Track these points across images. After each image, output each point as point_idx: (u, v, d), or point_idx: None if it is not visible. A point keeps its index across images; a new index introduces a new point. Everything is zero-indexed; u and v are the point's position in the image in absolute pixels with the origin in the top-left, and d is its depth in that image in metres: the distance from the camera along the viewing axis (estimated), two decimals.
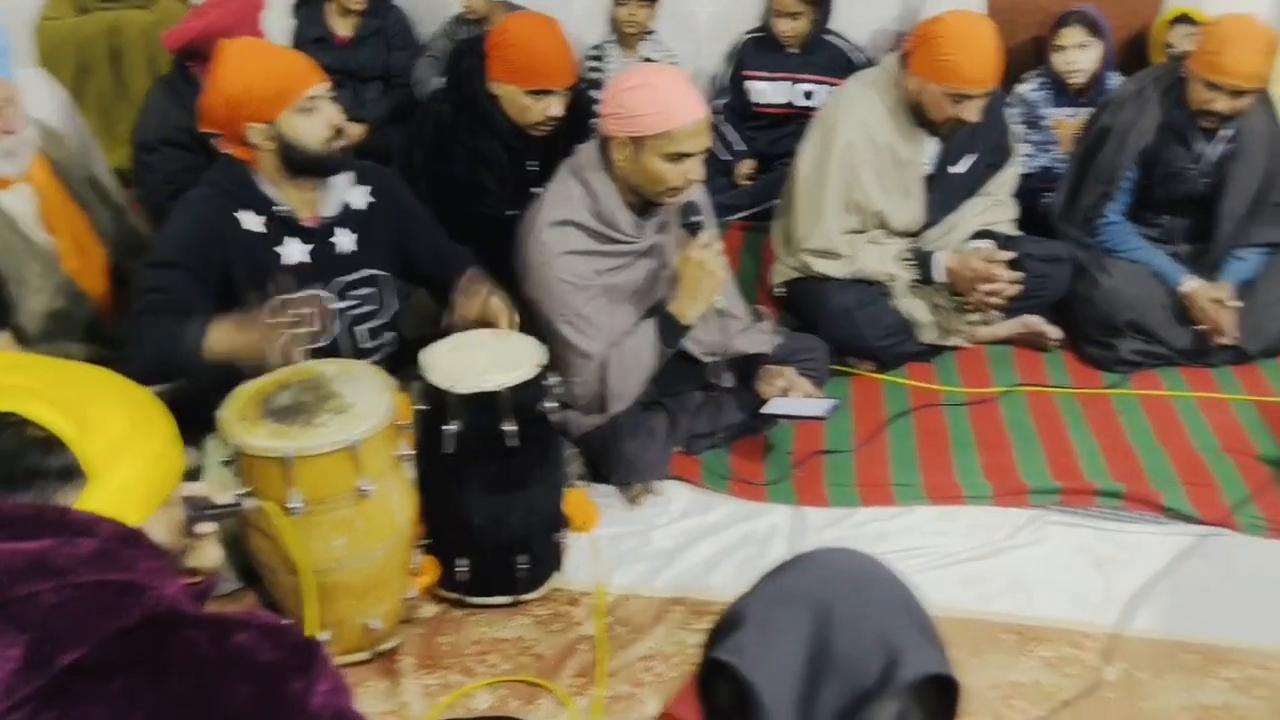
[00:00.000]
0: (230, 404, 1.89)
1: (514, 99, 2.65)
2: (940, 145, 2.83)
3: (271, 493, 1.78)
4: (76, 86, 3.84)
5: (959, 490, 2.49)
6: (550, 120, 2.67)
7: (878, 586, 0.98)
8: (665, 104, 2.14)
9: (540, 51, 2.61)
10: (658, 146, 2.16)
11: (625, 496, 2.47)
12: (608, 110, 2.20)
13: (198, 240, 2.10)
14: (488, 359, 2.05)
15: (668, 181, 2.21)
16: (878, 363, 2.92)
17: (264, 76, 2.05)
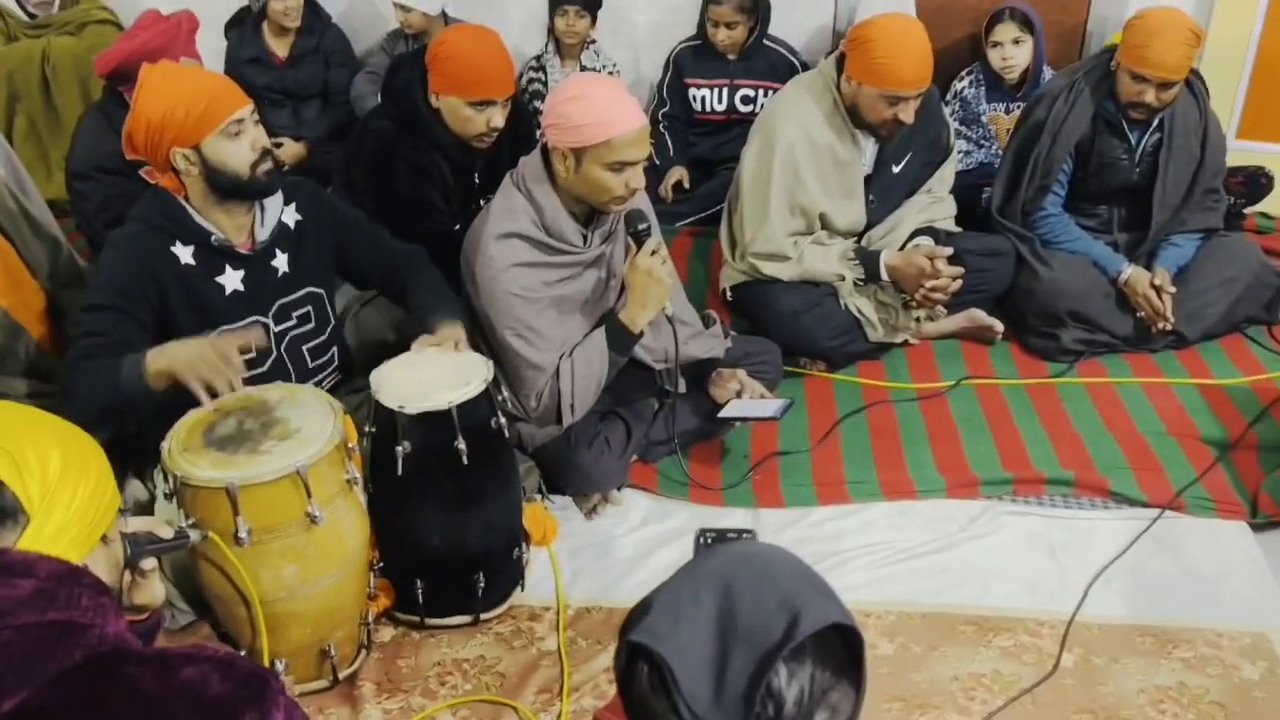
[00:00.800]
0: (173, 435, 1.84)
1: (456, 111, 2.64)
2: (879, 146, 2.85)
3: (218, 524, 1.74)
4: (6, 117, 3.76)
5: (912, 485, 2.51)
6: (493, 131, 2.66)
7: (777, 561, 1.02)
8: (604, 114, 2.14)
9: (480, 62, 2.60)
10: (598, 156, 2.16)
11: (583, 508, 2.46)
12: (548, 121, 2.19)
13: (131, 279, 2.04)
14: (436, 377, 2.02)
15: (610, 190, 2.21)
16: (828, 362, 2.94)
17: (187, 101, 1.99)
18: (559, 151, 2.19)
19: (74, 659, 1.09)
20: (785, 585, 0.97)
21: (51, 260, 2.42)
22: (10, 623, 1.07)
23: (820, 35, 3.91)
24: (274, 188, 2.14)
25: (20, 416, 1.22)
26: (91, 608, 1.15)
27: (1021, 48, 3.46)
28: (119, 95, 2.68)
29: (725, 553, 1.03)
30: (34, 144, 3.82)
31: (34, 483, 1.14)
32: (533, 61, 3.89)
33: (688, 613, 0.96)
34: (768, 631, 0.92)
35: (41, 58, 3.78)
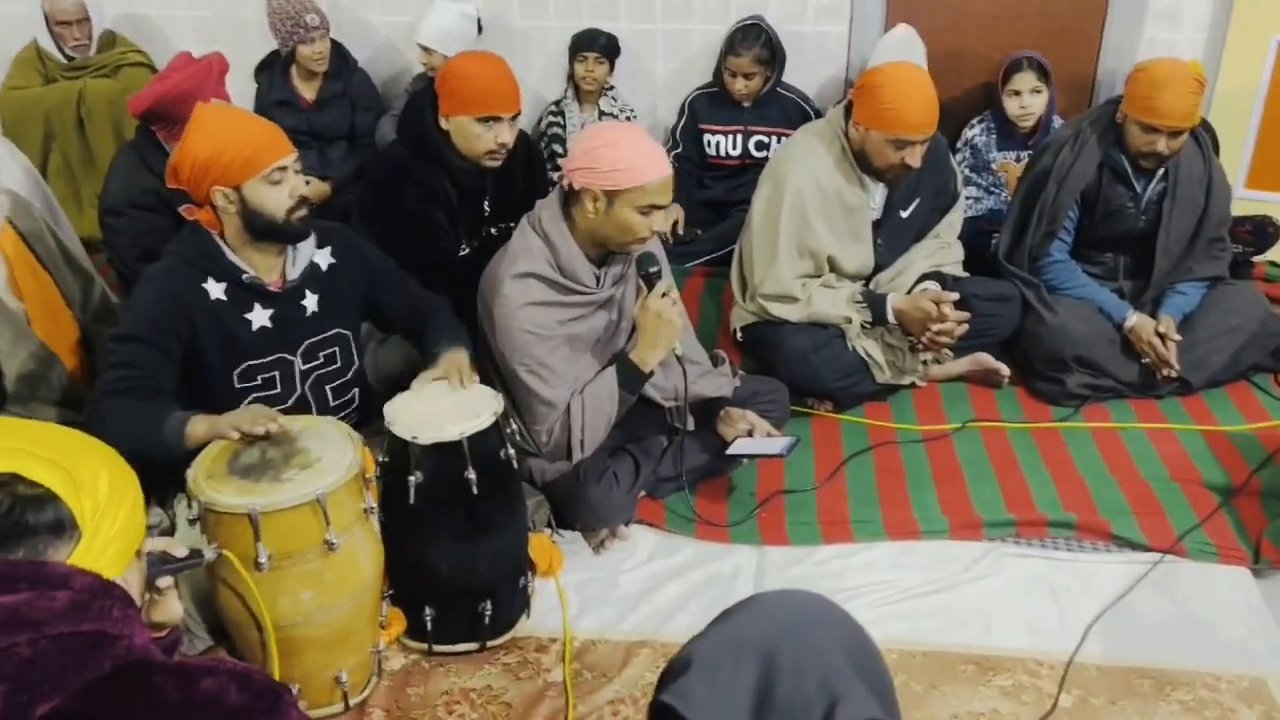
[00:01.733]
0: (198, 463, 1.92)
1: (464, 130, 2.73)
2: (887, 191, 2.92)
3: (240, 549, 1.81)
4: (42, 155, 3.90)
5: (916, 525, 2.55)
6: (501, 147, 2.75)
7: (823, 630, 0.99)
8: (638, 160, 2.24)
9: (485, 79, 2.71)
10: (631, 200, 2.25)
11: (591, 542, 2.52)
12: (579, 164, 2.28)
13: (163, 313, 2.13)
14: (448, 409, 2.10)
15: (636, 232, 2.30)
16: (835, 403, 2.99)
17: (235, 144, 2.09)
18: (590, 193, 2.27)
19: (104, 669, 1.16)
20: (828, 662, 0.94)
21: (85, 293, 2.52)
22: (47, 632, 1.14)
23: (833, 83, 4.01)
24: (306, 233, 2.24)
25: (73, 438, 1.30)
26: (121, 619, 1.22)
27: (1039, 97, 3.54)
28: (152, 134, 2.80)
29: (771, 612, 1.01)
30: (67, 181, 3.95)
31: (88, 501, 1.21)
32: (552, 106, 4.01)
33: (725, 678, 0.93)
34: (805, 715, 0.90)
35: (78, 98, 3.93)
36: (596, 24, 3.91)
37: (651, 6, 3.97)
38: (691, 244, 3.78)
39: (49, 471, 1.21)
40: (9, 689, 1.10)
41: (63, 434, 1.31)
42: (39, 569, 1.19)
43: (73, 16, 3.93)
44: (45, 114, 3.92)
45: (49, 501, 1.20)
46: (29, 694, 1.11)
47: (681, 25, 3.99)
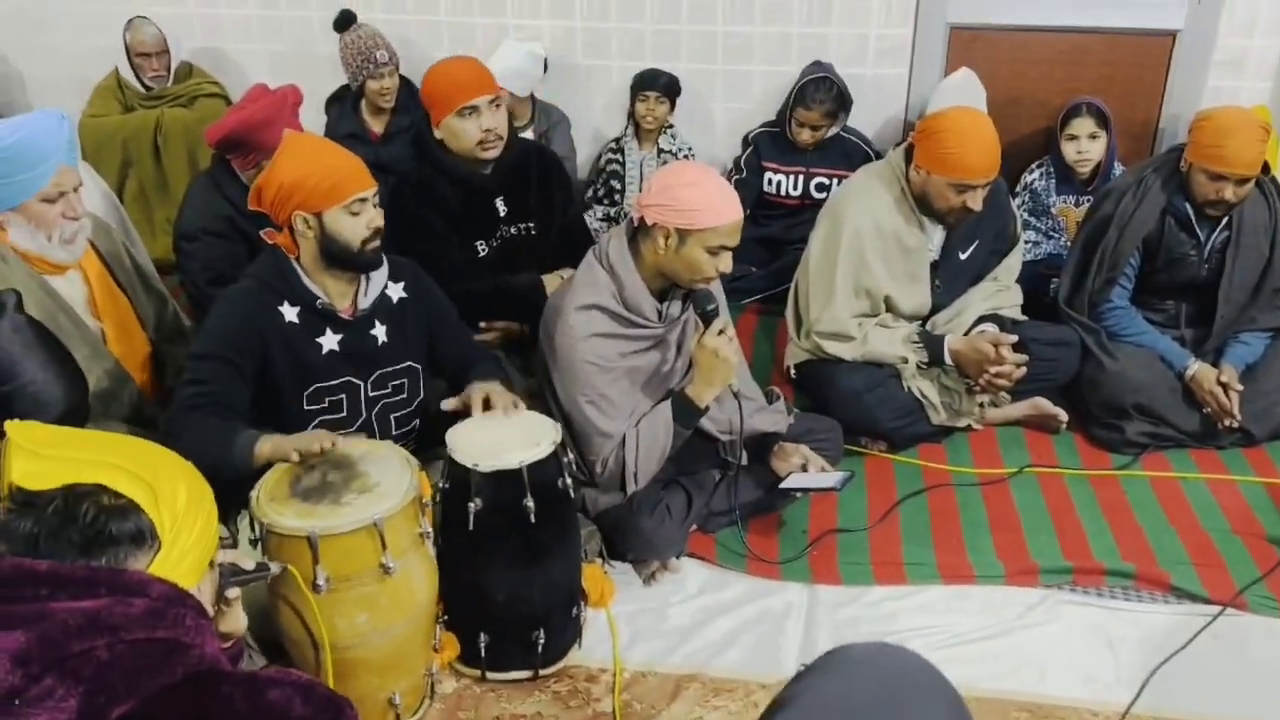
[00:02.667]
0: (261, 485, 1.97)
1: (451, 129, 2.81)
2: (945, 233, 2.93)
3: (299, 570, 1.84)
4: (119, 180, 4.04)
5: (971, 570, 2.53)
6: (489, 134, 2.81)
7: (920, 701, 0.98)
8: (715, 202, 2.29)
9: (451, 74, 2.80)
10: (703, 239, 2.30)
11: (642, 574, 2.53)
12: (655, 200, 2.32)
13: (238, 332, 2.20)
14: (508, 437, 2.13)
15: (703, 271, 2.34)
16: (889, 443, 2.99)
17: (321, 172, 2.17)
18: (663, 229, 2.31)
19: (176, 675, 1.20)
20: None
21: (159, 314, 2.61)
22: (124, 636, 1.18)
23: (892, 125, 4.03)
24: (378, 263, 2.31)
25: (155, 452, 1.35)
26: (194, 628, 1.26)
27: (1096, 143, 3.53)
28: (227, 163, 2.89)
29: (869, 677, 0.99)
30: (142, 206, 4.08)
31: (167, 513, 1.27)
32: (611, 143, 4.07)
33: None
34: None
35: (155, 127, 4.07)
36: (658, 64, 3.98)
37: (713, 47, 4.03)
38: (746, 280, 3.79)
39: (132, 484, 1.26)
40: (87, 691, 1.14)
41: (145, 448, 1.36)
42: (118, 576, 1.23)
43: (152, 49, 4.08)
44: (123, 141, 4.07)
45: (131, 512, 1.25)
46: (106, 696, 1.14)
47: (742, 66, 4.04)
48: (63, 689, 1.13)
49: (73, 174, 2.31)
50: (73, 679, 1.14)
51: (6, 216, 2.26)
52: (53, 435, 1.32)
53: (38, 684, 1.14)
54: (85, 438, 1.34)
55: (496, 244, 2.95)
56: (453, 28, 4.20)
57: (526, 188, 2.96)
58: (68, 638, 1.16)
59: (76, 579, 1.21)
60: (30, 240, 2.28)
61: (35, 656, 1.15)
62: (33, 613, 1.17)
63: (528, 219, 2.98)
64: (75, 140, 2.32)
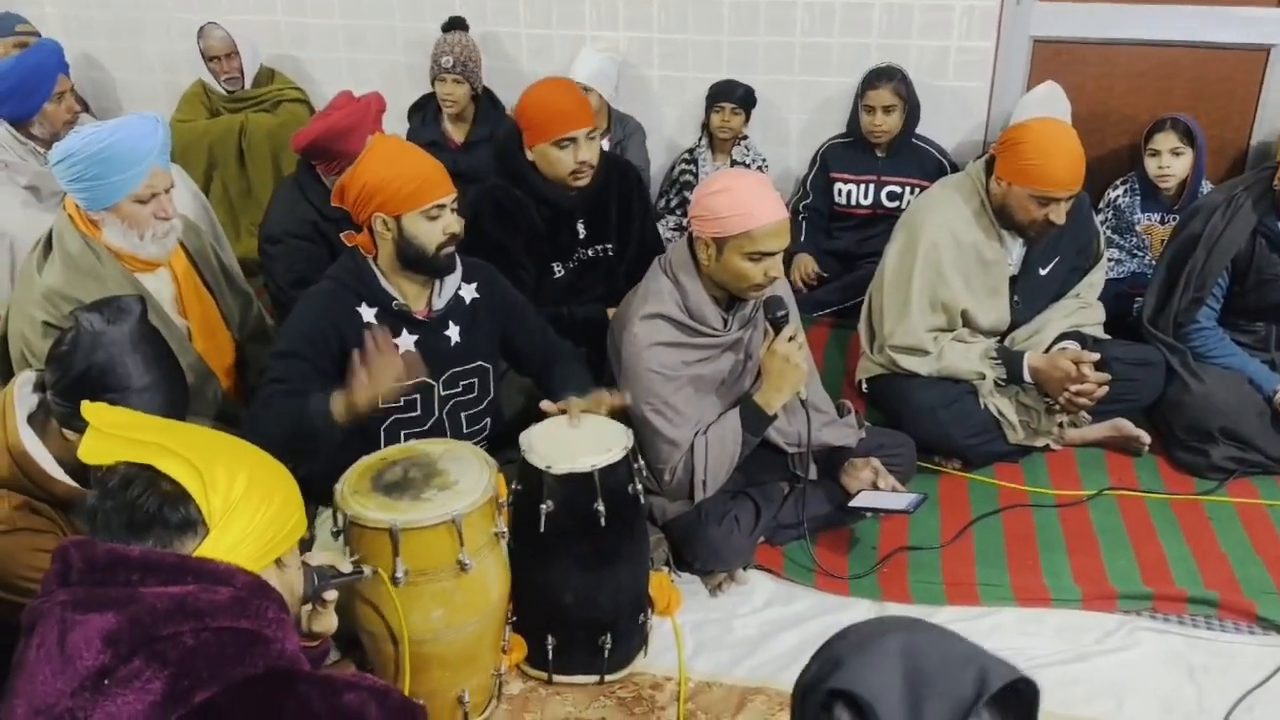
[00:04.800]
0: (345, 479, 2.03)
1: (545, 155, 2.82)
2: (1026, 247, 2.90)
3: (379, 563, 1.90)
4: (205, 183, 4.16)
5: (1047, 593, 2.49)
6: (583, 165, 2.81)
7: (943, 629, 1.11)
8: (745, 206, 2.28)
9: (552, 102, 2.79)
10: (739, 246, 2.29)
11: (708, 584, 2.54)
12: (694, 213, 2.35)
13: (319, 332, 2.27)
14: (581, 441, 2.16)
15: (749, 278, 2.33)
16: (964, 461, 2.95)
17: (404, 176, 2.23)
18: (702, 240, 2.34)
19: (258, 668, 1.23)
20: (962, 646, 1.05)
21: (243, 314, 2.69)
22: (210, 624, 1.22)
23: (970, 140, 3.98)
24: (451, 268, 2.36)
25: (216, 440, 1.38)
26: (275, 621, 1.29)
27: (1180, 159, 3.45)
28: (311, 169, 2.97)
29: (879, 621, 1.12)
30: (227, 209, 4.20)
31: (217, 498, 1.29)
32: (685, 154, 4.09)
33: (875, 664, 1.02)
34: (959, 684, 0.98)
35: (239, 131, 4.19)
36: (734, 75, 3.98)
37: (789, 58, 4.03)
38: (818, 293, 3.77)
39: (180, 467, 1.28)
40: (172, 674, 1.18)
41: (203, 434, 1.38)
42: (204, 564, 1.27)
43: (220, 51, 4.19)
44: (209, 146, 4.20)
45: (177, 496, 1.27)
46: (190, 681, 1.18)
47: (818, 77, 4.03)
48: (149, 671, 1.17)
49: (165, 176, 2.39)
50: (159, 662, 1.18)
51: (101, 216, 2.36)
52: (122, 417, 1.35)
53: (126, 665, 1.18)
54: (150, 422, 1.37)
55: (574, 265, 2.97)
56: (531, 39, 4.26)
57: (607, 208, 2.98)
58: (156, 621, 1.20)
59: (166, 565, 1.25)
60: (123, 239, 2.37)
61: (125, 638, 1.19)
62: (124, 596, 1.22)
63: (607, 240, 2.99)
64: (169, 143, 2.40)
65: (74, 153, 2.27)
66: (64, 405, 1.79)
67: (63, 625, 1.20)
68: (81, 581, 1.23)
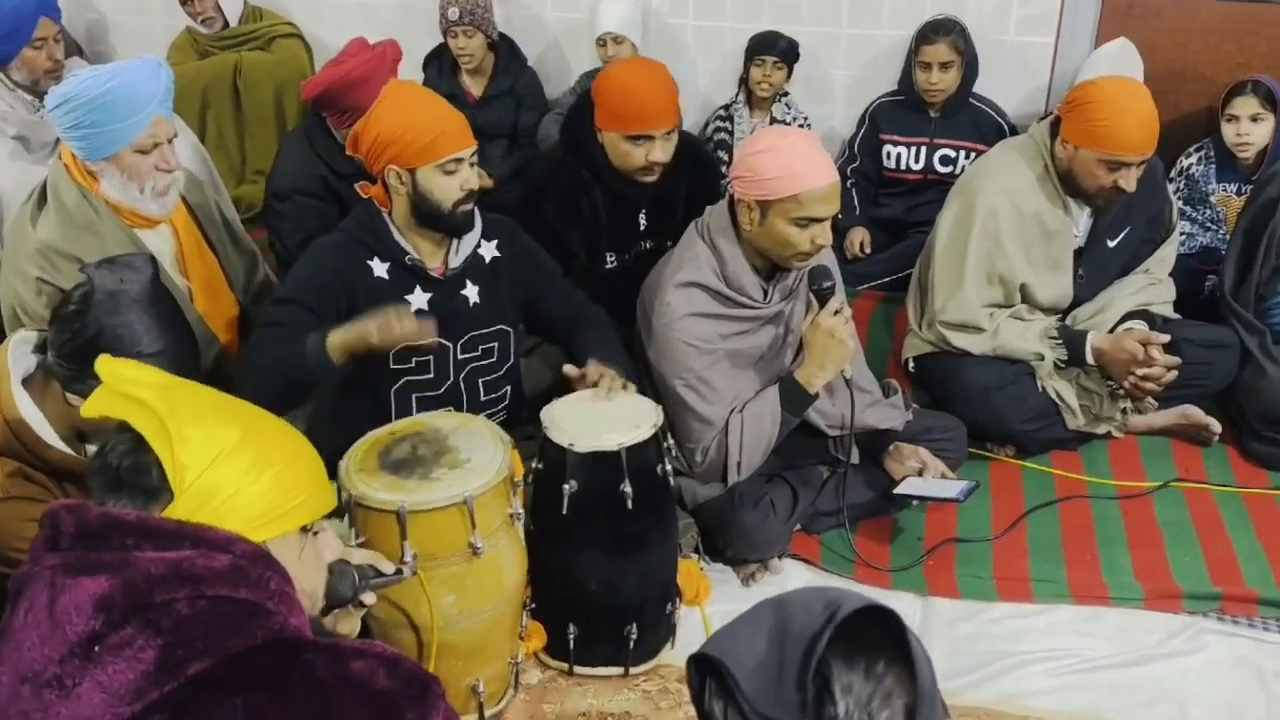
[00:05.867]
0: (351, 455, 2.03)
1: (615, 145, 2.78)
2: (1093, 217, 2.86)
3: (385, 546, 1.89)
4: (199, 128, 4.16)
5: (1106, 590, 2.47)
6: (653, 165, 2.77)
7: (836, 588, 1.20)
8: (793, 167, 2.25)
9: (637, 95, 2.74)
10: (784, 210, 2.27)
11: (740, 573, 2.53)
12: (736, 173, 2.33)
13: (324, 282, 2.27)
14: (607, 418, 2.16)
15: (795, 246, 2.31)
16: (1018, 447, 2.93)
17: (420, 127, 2.21)
18: (745, 203, 2.31)
19: (256, 638, 1.22)
20: (834, 594, 1.11)
21: (249, 274, 2.70)
22: (206, 591, 1.22)
23: (1033, 100, 3.93)
24: (468, 226, 2.35)
25: (208, 399, 1.34)
26: (278, 594, 1.29)
27: (1260, 125, 3.38)
28: (321, 120, 2.97)
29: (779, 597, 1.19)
30: (222, 155, 4.20)
31: (186, 457, 1.25)
32: (720, 111, 4.05)
33: (745, 629, 1.11)
34: (811, 619, 1.06)
35: (234, 71, 4.19)
36: (776, 26, 3.93)
37: (837, 9, 3.98)
38: (863, 265, 3.74)
39: (150, 424, 1.26)
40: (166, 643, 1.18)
41: (200, 395, 1.34)
42: (202, 530, 1.26)
43: None
44: (203, 88, 4.19)
45: (144, 454, 1.26)
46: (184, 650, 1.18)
47: (868, 30, 3.98)
48: (142, 639, 1.18)
49: (168, 125, 2.39)
50: (153, 630, 1.18)
51: (99, 166, 2.36)
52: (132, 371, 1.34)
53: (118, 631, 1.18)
54: (151, 378, 1.34)
55: (629, 258, 2.94)
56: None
57: (674, 201, 2.93)
58: (150, 586, 1.20)
59: (163, 531, 1.25)
60: (122, 192, 2.37)
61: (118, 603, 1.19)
62: (117, 560, 1.22)
63: (669, 235, 2.92)
64: (171, 89, 2.40)
65: (72, 97, 2.27)
66: (69, 368, 1.80)
67: (52, 589, 1.20)
68: (73, 546, 1.23)
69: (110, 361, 1.34)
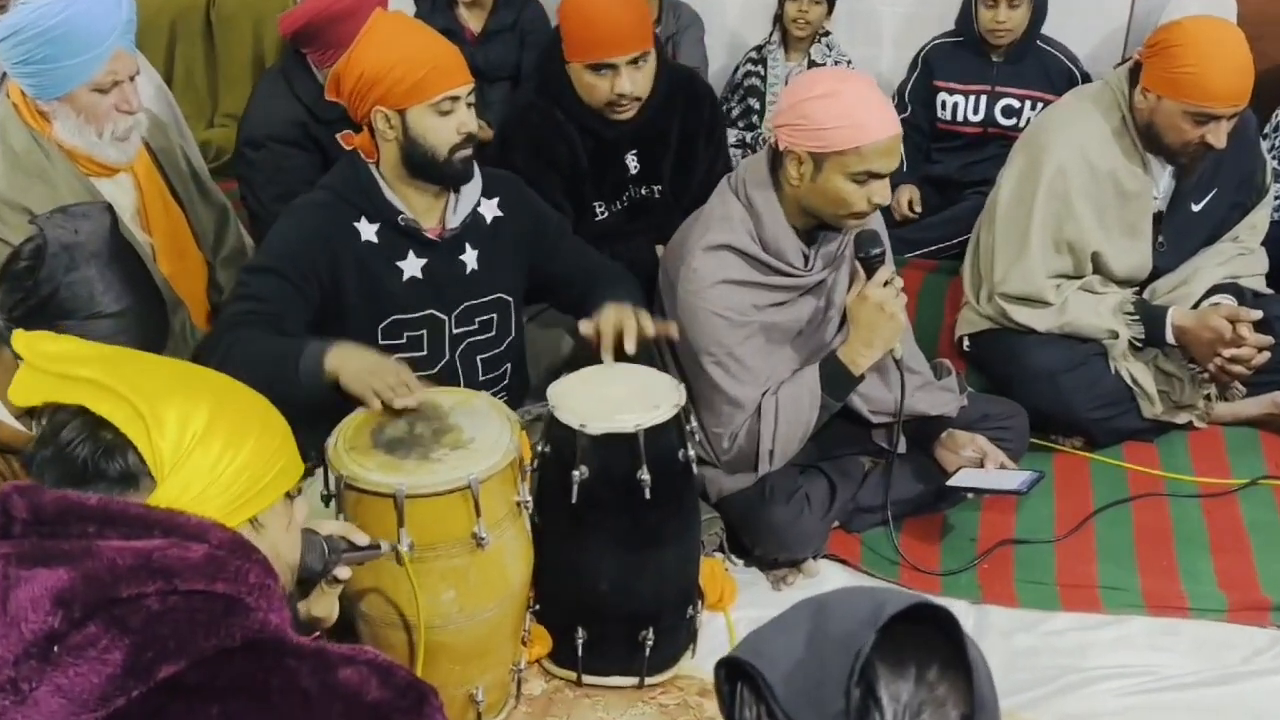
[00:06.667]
0: (339, 433, 2.04)
1: (580, 77, 2.78)
2: (1176, 177, 2.86)
3: (379, 534, 1.86)
4: (166, 66, 4.15)
5: (1185, 600, 2.49)
6: (622, 99, 2.75)
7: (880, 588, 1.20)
8: (856, 116, 2.24)
9: (597, 15, 2.71)
10: (843, 164, 2.26)
11: (770, 575, 2.54)
12: (785, 120, 2.31)
13: (306, 249, 2.27)
14: (622, 396, 2.16)
15: (850, 204, 2.31)
16: (1087, 438, 2.93)
17: (409, 61, 2.20)
18: (795, 155, 2.30)
19: (234, 639, 1.23)
20: (880, 593, 1.11)
21: (219, 231, 2.72)
22: (179, 586, 1.22)
23: (1110, 42, 3.91)
24: (466, 176, 2.34)
25: (168, 372, 1.36)
26: (257, 588, 1.29)
27: None
28: (301, 58, 2.97)
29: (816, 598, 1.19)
30: (191, 96, 4.18)
31: (165, 444, 1.26)
32: (752, 53, 4.05)
33: (781, 631, 1.10)
34: (857, 627, 1.05)
35: (206, 2, 4.18)
36: None
37: None
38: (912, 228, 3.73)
39: (118, 408, 1.26)
40: (134, 643, 1.18)
41: (152, 365, 1.35)
42: (173, 517, 1.26)
43: None
44: (171, 20, 4.18)
45: (114, 444, 1.26)
46: (154, 652, 1.19)
47: None
48: (107, 638, 1.18)
49: (130, 60, 2.40)
50: (119, 628, 1.19)
51: (52, 107, 2.37)
52: (58, 347, 1.34)
53: (80, 630, 1.18)
54: (90, 352, 1.35)
55: (620, 208, 2.95)
56: None
57: (666, 140, 2.92)
58: (116, 579, 1.20)
59: (129, 517, 1.25)
60: (78, 136, 2.38)
61: (79, 598, 1.19)
62: (78, 549, 1.22)
63: (662, 180, 2.96)
64: (134, 21, 2.40)
65: (21, 29, 2.27)
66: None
67: (5, 582, 1.20)
68: (26, 533, 1.24)
69: (28, 337, 1.33)
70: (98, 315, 1.79)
